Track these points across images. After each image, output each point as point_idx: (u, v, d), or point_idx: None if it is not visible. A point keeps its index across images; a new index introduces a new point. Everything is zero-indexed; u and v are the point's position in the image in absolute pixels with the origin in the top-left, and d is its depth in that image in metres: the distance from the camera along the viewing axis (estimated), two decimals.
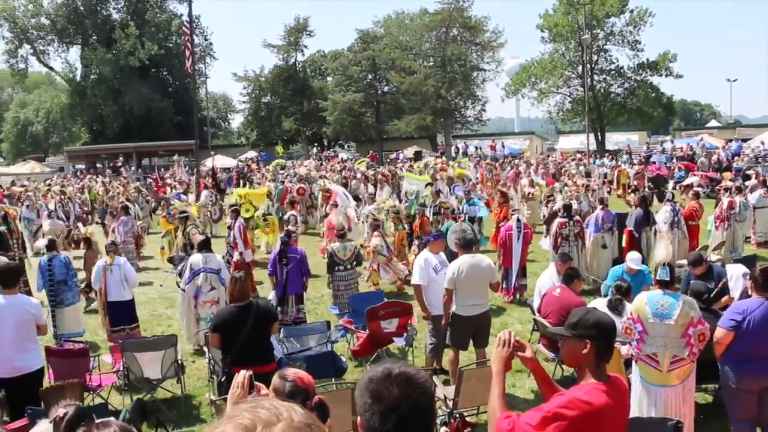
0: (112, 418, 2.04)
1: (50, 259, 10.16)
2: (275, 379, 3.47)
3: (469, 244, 7.68)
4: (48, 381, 7.34)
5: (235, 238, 12.52)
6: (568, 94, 51.96)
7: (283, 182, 23.32)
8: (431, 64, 54.07)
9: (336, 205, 15.81)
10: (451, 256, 8.80)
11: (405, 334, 8.60)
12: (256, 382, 2.98)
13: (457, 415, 6.41)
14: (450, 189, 19.50)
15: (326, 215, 15.85)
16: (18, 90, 77.27)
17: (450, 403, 6.36)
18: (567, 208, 12.87)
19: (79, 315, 10.45)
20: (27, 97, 73.23)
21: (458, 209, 15.94)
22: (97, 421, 2.00)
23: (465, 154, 48.21)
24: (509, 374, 7.19)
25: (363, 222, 15.91)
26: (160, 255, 15.88)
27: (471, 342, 7.68)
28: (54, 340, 9.20)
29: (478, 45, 54.59)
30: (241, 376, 2.94)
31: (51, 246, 10.55)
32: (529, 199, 19.82)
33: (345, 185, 23.46)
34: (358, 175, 26.60)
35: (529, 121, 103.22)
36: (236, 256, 12.36)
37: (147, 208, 22.98)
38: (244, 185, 30.38)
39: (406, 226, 14.27)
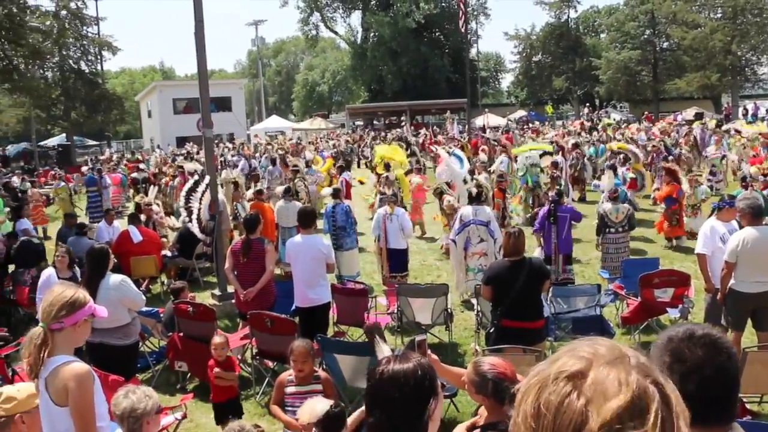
0: (411, 352, 2.16)
1: (334, 207, 11.07)
2: (471, 375, 3.12)
3: (759, 214, 6.86)
4: (333, 315, 8.09)
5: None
6: None
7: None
8: (719, 15, 48.53)
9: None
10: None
11: (680, 306, 8.01)
12: (429, 353, 2.80)
13: None
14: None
15: None
16: (307, 54, 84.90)
17: None
18: None
19: (355, 259, 11.23)
20: (314, 60, 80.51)
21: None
22: (398, 354, 2.13)
23: (754, 116, 43.00)
24: None
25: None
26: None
27: (750, 323, 6.90)
28: (336, 280, 10.08)
29: None
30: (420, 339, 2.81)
31: (335, 194, 11.49)
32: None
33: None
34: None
35: None
36: None
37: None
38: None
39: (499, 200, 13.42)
